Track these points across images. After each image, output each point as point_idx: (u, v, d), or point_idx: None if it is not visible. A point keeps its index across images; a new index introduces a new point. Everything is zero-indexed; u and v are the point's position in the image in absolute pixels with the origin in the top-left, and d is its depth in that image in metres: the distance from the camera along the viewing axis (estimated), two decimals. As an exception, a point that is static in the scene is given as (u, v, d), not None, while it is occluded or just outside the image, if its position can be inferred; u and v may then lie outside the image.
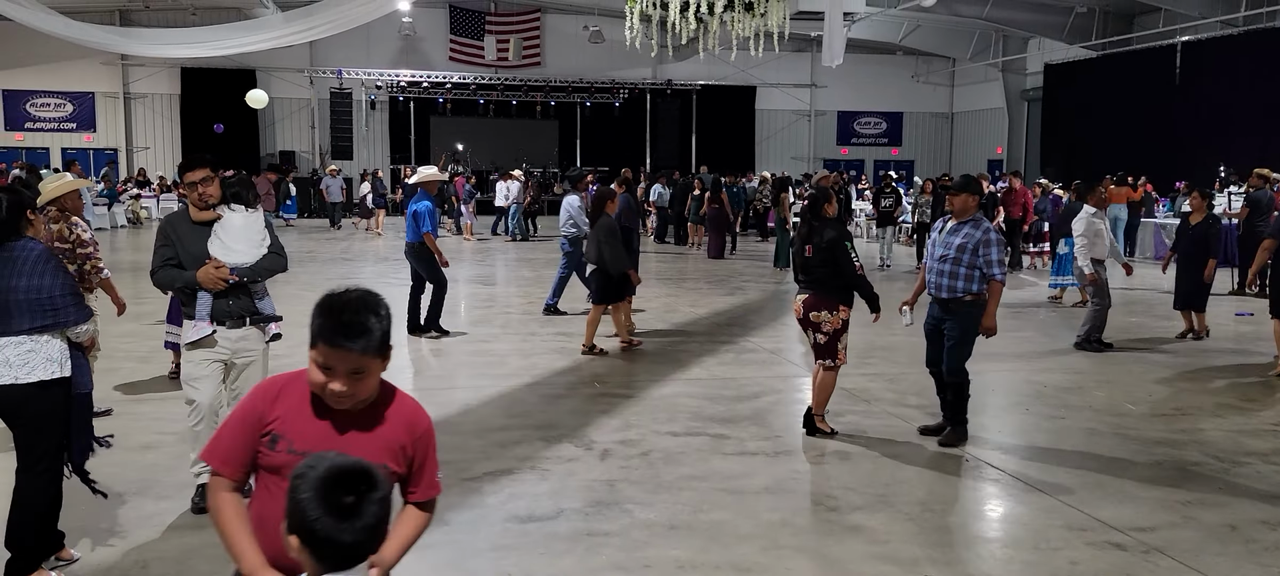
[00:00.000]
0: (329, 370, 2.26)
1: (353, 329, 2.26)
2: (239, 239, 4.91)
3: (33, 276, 4.04)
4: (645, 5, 15.04)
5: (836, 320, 6.36)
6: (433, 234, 9.84)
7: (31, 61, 26.78)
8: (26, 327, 4.00)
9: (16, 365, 3.98)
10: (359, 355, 2.26)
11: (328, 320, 2.26)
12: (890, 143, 34.37)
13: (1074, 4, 24.77)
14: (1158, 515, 5.16)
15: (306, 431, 2.32)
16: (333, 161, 28.16)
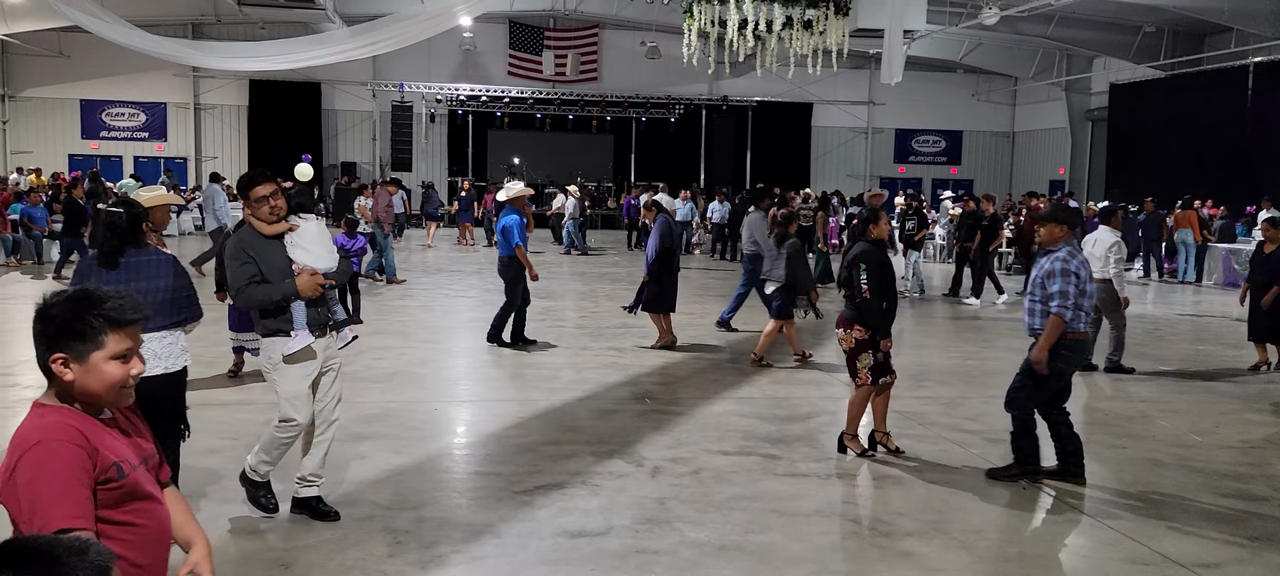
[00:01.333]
0: (128, 355, 2.23)
1: (131, 304, 2.25)
2: (318, 245, 4.96)
3: (171, 277, 4.69)
4: (703, 22, 15.08)
5: (849, 339, 6.35)
6: (524, 247, 9.98)
7: (108, 73, 27.71)
8: (167, 323, 4.56)
9: (165, 357, 4.58)
10: (142, 324, 2.30)
11: (103, 306, 2.19)
12: (949, 161, 33.95)
13: (1142, 23, 24.29)
14: (1222, 551, 5.02)
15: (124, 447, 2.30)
16: (393, 173, 28.61)
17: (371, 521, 5.11)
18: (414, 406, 7.66)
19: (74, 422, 2.19)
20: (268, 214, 4.82)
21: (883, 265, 6.33)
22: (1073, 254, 5.85)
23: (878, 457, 6.42)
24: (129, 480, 2.23)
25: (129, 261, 4.61)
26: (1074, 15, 23.42)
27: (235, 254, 4.82)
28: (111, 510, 2.20)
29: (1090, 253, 9.38)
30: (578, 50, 30.21)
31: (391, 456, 6.25)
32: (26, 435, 2.18)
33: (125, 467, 2.23)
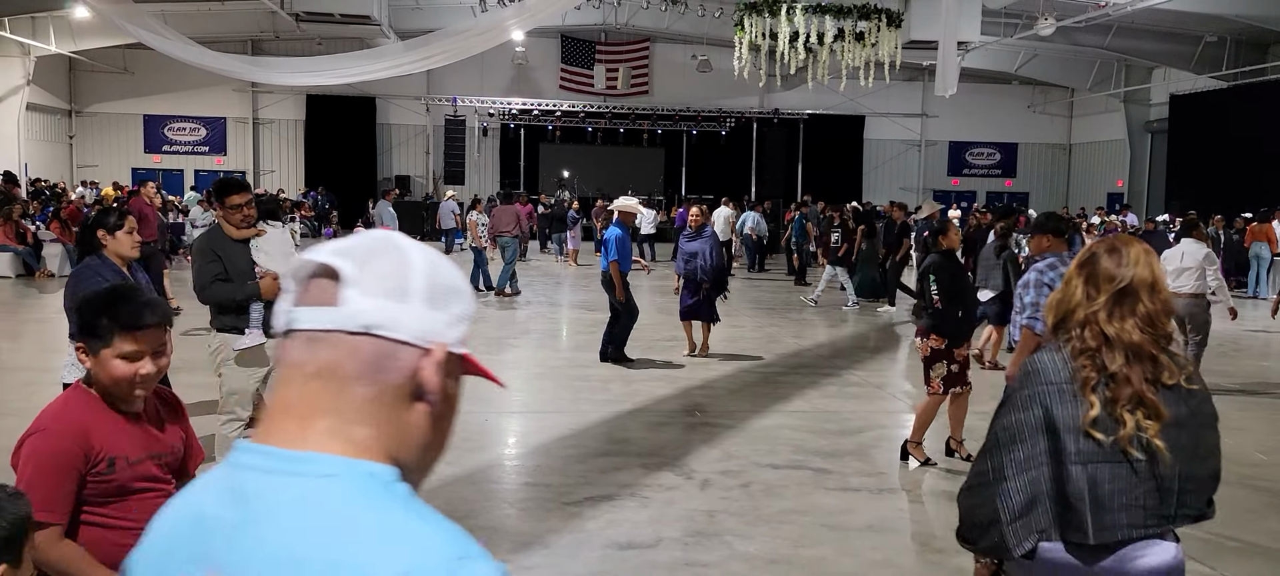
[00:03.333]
0: (136, 356, 2.33)
1: (151, 307, 2.36)
2: (282, 250, 5.33)
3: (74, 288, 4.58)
4: (754, 35, 15.10)
5: (925, 347, 6.39)
6: (617, 261, 9.88)
7: (170, 89, 28.46)
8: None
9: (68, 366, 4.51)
10: (162, 330, 2.37)
11: (122, 308, 2.32)
12: (1004, 174, 33.46)
13: (1202, 33, 23.76)
14: (1289, 573, 4.88)
15: (131, 440, 2.40)
16: (446, 186, 28.98)
17: (423, 530, 5.16)
18: (465, 417, 7.68)
19: (81, 414, 2.36)
20: (239, 220, 5.19)
21: (954, 274, 6.37)
22: (1055, 265, 5.54)
23: (939, 468, 6.36)
24: (119, 476, 2.36)
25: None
26: (1132, 25, 22.99)
27: (202, 251, 5.19)
28: (103, 499, 2.35)
29: (1177, 266, 9.13)
30: (629, 64, 30.35)
31: (442, 466, 6.26)
32: (42, 417, 2.40)
33: (120, 463, 2.36)
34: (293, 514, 0.93)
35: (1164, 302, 2.45)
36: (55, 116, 28.15)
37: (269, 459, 0.96)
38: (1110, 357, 2.37)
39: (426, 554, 0.92)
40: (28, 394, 8.31)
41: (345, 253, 1.01)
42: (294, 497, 0.93)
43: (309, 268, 1.02)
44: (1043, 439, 2.40)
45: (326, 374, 0.98)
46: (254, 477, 0.96)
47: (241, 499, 0.95)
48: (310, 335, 0.99)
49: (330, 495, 0.93)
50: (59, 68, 27.26)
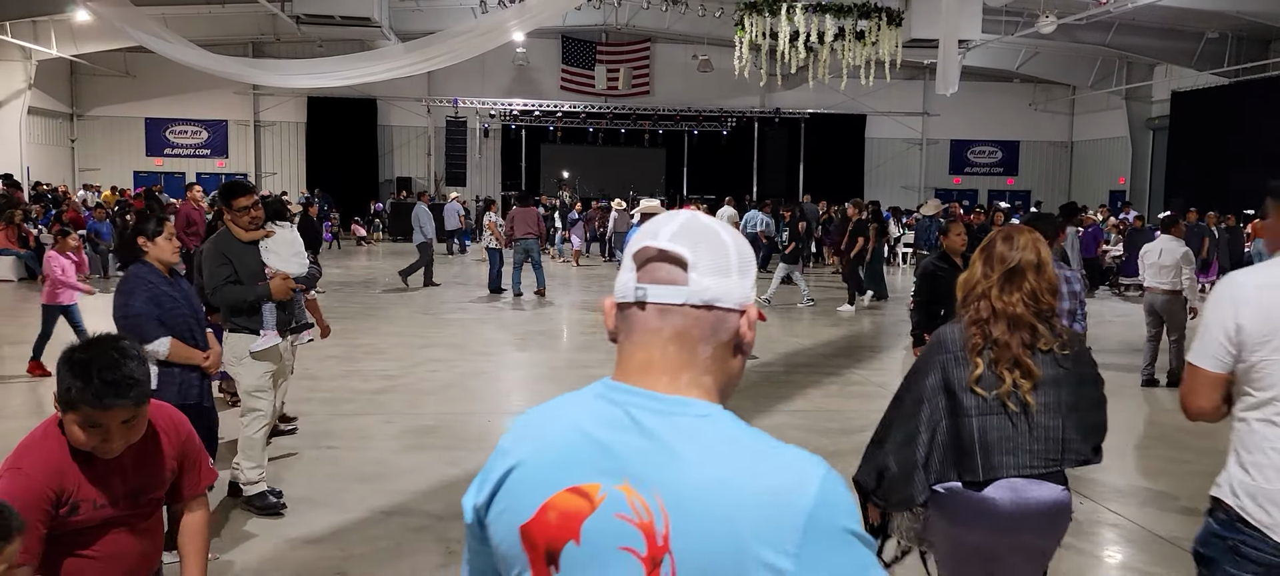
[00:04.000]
0: (97, 428, 2.24)
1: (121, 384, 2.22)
2: (291, 251, 5.41)
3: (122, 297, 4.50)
4: (755, 34, 15.10)
5: (916, 353, 6.34)
6: None
7: (172, 92, 28.50)
8: None
9: None
10: (133, 407, 2.26)
11: (87, 383, 2.21)
12: (1006, 172, 33.46)
13: (1204, 29, 23.73)
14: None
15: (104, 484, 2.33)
16: (448, 188, 29.01)
17: (425, 531, 5.18)
18: (468, 418, 7.75)
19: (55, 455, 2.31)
20: (247, 222, 5.25)
21: (937, 277, 6.35)
22: None
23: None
24: (85, 518, 2.32)
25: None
26: (1133, 22, 22.97)
27: (212, 256, 5.22)
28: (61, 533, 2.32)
29: (1156, 262, 9.18)
30: (630, 64, 30.36)
31: (446, 468, 6.32)
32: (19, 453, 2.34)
33: (85, 507, 2.31)
34: (696, 442, 1.23)
35: (1047, 281, 2.90)
36: (57, 120, 28.19)
37: (656, 402, 1.26)
38: (996, 327, 2.83)
39: (806, 465, 1.24)
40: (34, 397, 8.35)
41: (680, 239, 1.28)
42: (687, 431, 1.23)
43: (649, 253, 1.29)
44: (943, 398, 2.85)
45: (680, 338, 1.28)
46: (647, 415, 1.25)
47: (642, 430, 1.24)
48: (662, 307, 1.28)
49: (717, 428, 1.25)
50: (60, 71, 27.30)
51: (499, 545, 1.33)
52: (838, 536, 1.19)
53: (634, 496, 1.22)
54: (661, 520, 1.20)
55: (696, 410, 1.26)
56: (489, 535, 1.35)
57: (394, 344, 10.90)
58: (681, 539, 1.19)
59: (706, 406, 1.27)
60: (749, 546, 1.16)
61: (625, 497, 1.22)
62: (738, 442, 1.24)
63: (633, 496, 1.22)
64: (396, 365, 9.68)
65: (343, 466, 6.25)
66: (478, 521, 1.37)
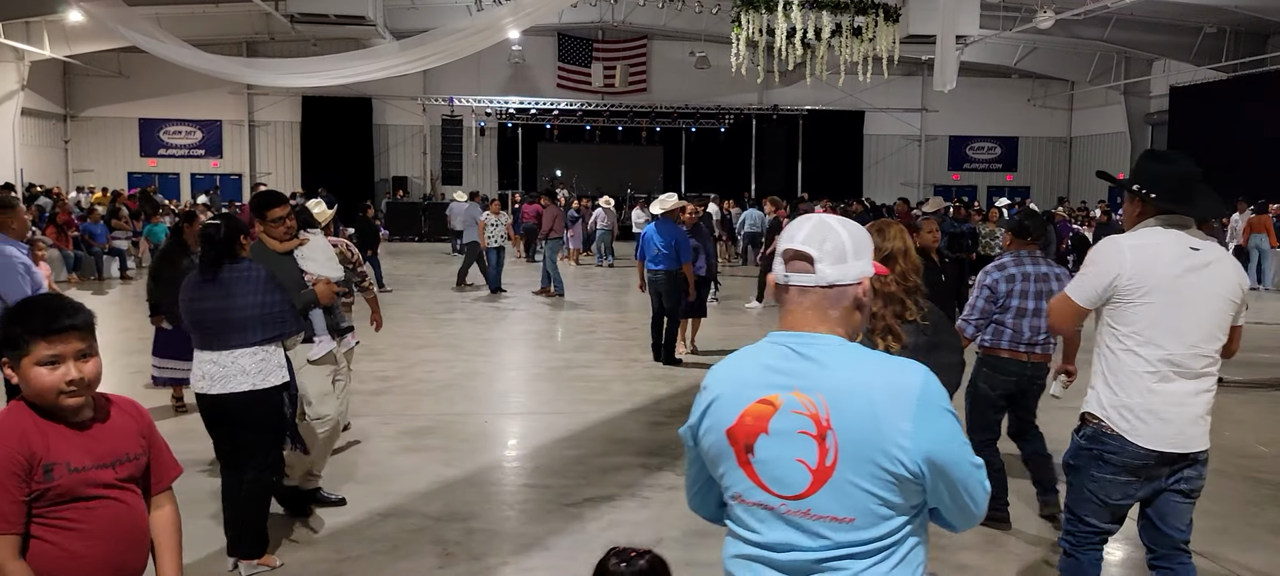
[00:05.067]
0: (56, 361, 2.33)
1: (67, 309, 2.38)
2: (326, 257, 5.40)
3: (265, 293, 4.54)
4: (751, 31, 15.02)
5: None
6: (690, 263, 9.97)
7: (166, 92, 28.40)
8: (259, 340, 4.50)
9: (253, 372, 4.47)
10: (81, 334, 2.36)
11: (36, 316, 2.34)
12: (1005, 168, 33.41)
13: (1202, 24, 23.69)
14: (1297, 567, 4.84)
15: (71, 446, 2.37)
16: (445, 187, 28.93)
17: (422, 533, 5.12)
18: (464, 419, 7.69)
19: (18, 422, 2.33)
20: (283, 233, 5.21)
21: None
22: (1004, 265, 5.23)
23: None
24: (62, 483, 2.33)
25: (226, 276, 4.50)
26: (1132, 17, 22.92)
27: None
28: (48, 506, 2.33)
29: None
30: (626, 61, 30.29)
31: (442, 468, 6.26)
32: None
33: (58, 471, 2.32)
34: (838, 359, 1.86)
35: (913, 264, 3.61)
36: (50, 121, 28.08)
37: (807, 339, 1.89)
38: (875, 301, 3.28)
39: (914, 371, 1.84)
40: None
41: (809, 242, 1.90)
42: (831, 353, 1.86)
43: (790, 252, 1.92)
44: None
45: (815, 306, 1.92)
46: (803, 347, 1.88)
47: (801, 356, 1.87)
48: (801, 287, 1.92)
49: (849, 350, 1.88)
50: (53, 72, 27.19)
51: (708, 449, 1.99)
52: (937, 410, 1.82)
53: (803, 396, 1.84)
54: (824, 408, 1.82)
55: (834, 342, 1.89)
56: (701, 445, 2.01)
57: (390, 345, 10.82)
58: (839, 417, 1.81)
59: (839, 340, 1.90)
60: (883, 417, 1.79)
61: (797, 398, 1.85)
62: (865, 357, 1.88)
63: (802, 396, 1.84)
64: (393, 366, 9.62)
65: (339, 468, 6.19)
66: (692, 437, 2.04)
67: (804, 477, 1.82)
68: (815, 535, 1.83)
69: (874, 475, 1.79)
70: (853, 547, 1.82)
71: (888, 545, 1.84)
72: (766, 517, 1.89)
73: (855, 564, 1.82)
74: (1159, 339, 3.27)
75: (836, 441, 1.79)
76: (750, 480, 1.89)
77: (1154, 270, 3.26)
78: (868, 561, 1.83)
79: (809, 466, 1.82)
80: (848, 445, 1.79)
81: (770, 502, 1.87)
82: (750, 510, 1.92)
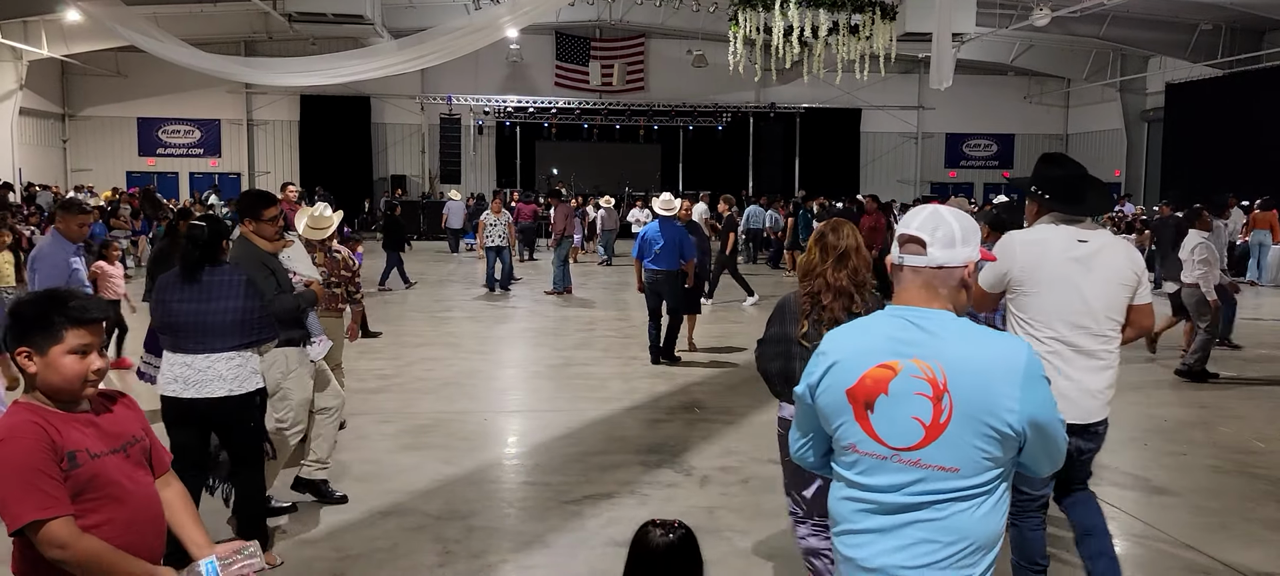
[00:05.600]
0: (87, 350, 2.40)
1: (92, 303, 2.46)
2: (305, 259, 5.41)
3: (244, 299, 4.47)
4: (748, 29, 15.05)
5: None
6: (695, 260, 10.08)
7: (164, 91, 28.40)
8: (235, 345, 4.44)
9: (229, 378, 4.40)
10: (102, 328, 2.46)
11: (66, 306, 2.40)
12: (1001, 165, 33.45)
13: (1198, 21, 23.73)
14: (1290, 562, 4.88)
15: (84, 433, 2.42)
16: (443, 185, 28.93)
17: (422, 531, 5.15)
18: (464, 416, 7.72)
19: (32, 416, 2.36)
20: (274, 233, 5.15)
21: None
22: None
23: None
24: (85, 470, 2.37)
25: (207, 279, 4.44)
26: (1127, 14, 22.97)
27: (257, 267, 4.95)
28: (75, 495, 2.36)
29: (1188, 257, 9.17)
30: (624, 60, 30.31)
31: (442, 466, 6.29)
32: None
33: (81, 457, 2.36)
34: (951, 332, 2.15)
35: (863, 260, 3.83)
36: (48, 121, 28.08)
37: (922, 314, 2.18)
38: (826, 296, 3.74)
39: (1020, 346, 2.16)
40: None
41: (922, 228, 2.21)
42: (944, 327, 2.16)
43: (904, 237, 2.23)
44: (791, 344, 3.84)
45: (927, 285, 2.21)
46: (920, 320, 2.17)
47: (919, 328, 2.16)
48: (914, 268, 2.21)
49: (961, 324, 2.17)
50: (51, 72, 27.19)
51: (825, 406, 2.27)
52: (1039, 380, 2.15)
53: (922, 363, 2.14)
54: (940, 374, 2.12)
55: (947, 317, 2.20)
56: (817, 403, 2.29)
57: (389, 343, 10.86)
58: (954, 381, 2.11)
59: (951, 315, 2.21)
60: (993, 384, 2.10)
61: (916, 364, 2.14)
62: (975, 331, 2.19)
63: (921, 363, 2.14)
64: (392, 364, 9.64)
65: (339, 466, 6.22)
66: (810, 395, 2.32)
67: (917, 432, 2.13)
68: (923, 482, 2.13)
69: (982, 433, 2.10)
70: (955, 492, 2.12)
71: (986, 491, 2.14)
72: (879, 465, 2.18)
73: (955, 506, 2.12)
74: (1052, 323, 3.72)
75: (951, 403, 2.10)
76: (866, 433, 2.19)
77: (1042, 263, 3.74)
78: (967, 504, 2.12)
79: (923, 423, 2.12)
80: (961, 406, 2.09)
81: (883, 453, 2.17)
82: (863, 459, 2.21)
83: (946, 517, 2.12)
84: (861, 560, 2.20)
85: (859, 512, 2.21)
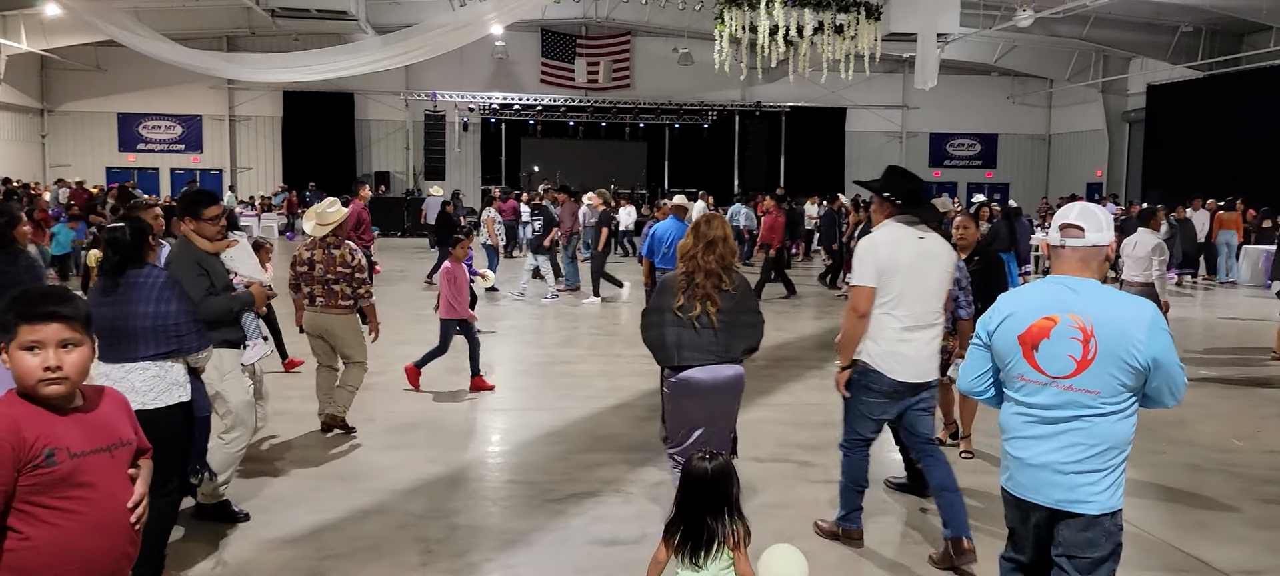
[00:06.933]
0: (38, 346, 2.39)
1: (53, 297, 2.45)
2: (250, 260, 5.30)
3: (159, 303, 4.16)
4: (734, 28, 15.05)
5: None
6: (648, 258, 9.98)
7: (145, 86, 28.18)
8: (152, 354, 4.13)
9: (143, 391, 4.07)
10: (67, 324, 2.42)
11: (25, 302, 2.43)
12: (984, 165, 33.63)
13: (1179, 23, 23.92)
14: (1265, 557, 4.92)
15: (67, 431, 2.42)
16: (427, 182, 28.83)
17: (404, 530, 5.13)
18: (448, 415, 7.69)
19: (10, 409, 2.38)
20: (215, 232, 5.04)
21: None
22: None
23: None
24: (63, 467, 2.38)
25: (127, 281, 4.15)
26: (1109, 16, 23.13)
27: (188, 266, 4.88)
28: (44, 494, 2.37)
29: (1130, 254, 9.19)
30: (610, 57, 30.29)
31: (425, 465, 6.27)
32: None
33: (59, 455, 2.37)
34: (1096, 294, 3.02)
35: (730, 248, 4.65)
36: (27, 116, 27.82)
37: (1077, 282, 3.04)
38: (698, 276, 4.56)
39: (1145, 301, 3.02)
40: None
41: (1079, 217, 3.07)
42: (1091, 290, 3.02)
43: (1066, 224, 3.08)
44: (665, 314, 4.59)
45: (1081, 261, 3.08)
46: (1074, 284, 3.04)
47: (1073, 291, 3.02)
48: (1072, 248, 3.07)
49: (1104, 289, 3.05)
50: (30, 66, 26.94)
51: (1000, 348, 3.13)
52: (1162, 331, 2.93)
53: (1075, 316, 2.96)
54: (1089, 322, 2.94)
55: (1094, 284, 3.03)
56: (993, 344, 3.16)
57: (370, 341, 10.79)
58: (1099, 330, 2.93)
59: (1096, 282, 3.04)
60: (1127, 331, 2.91)
61: (1070, 317, 2.97)
62: (1114, 294, 3.03)
63: (1074, 316, 2.96)
64: (374, 362, 9.57)
65: (321, 465, 6.19)
66: (987, 337, 3.19)
67: (1070, 365, 2.97)
68: (1074, 402, 2.99)
69: (1119, 365, 2.93)
70: (1097, 408, 2.97)
71: (1120, 410, 2.98)
72: (1039, 390, 3.05)
73: (1097, 419, 2.97)
74: (904, 304, 4.56)
75: (1096, 344, 2.94)
76: (1031, 366, 3.05)
77: (898, 257, 4.56)
78: (1104, 418, 2.97)
79: (1075, 358, 2.97)
80: (1104, 346, 2.93)
81: (1043, 380, 3.03)
82: (1028, 385, 3.07)
83: (1090, 426, 2.97)
84: (1027, 459, 3.08)
85: (1025, 423, 3.08)
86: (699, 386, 4.56)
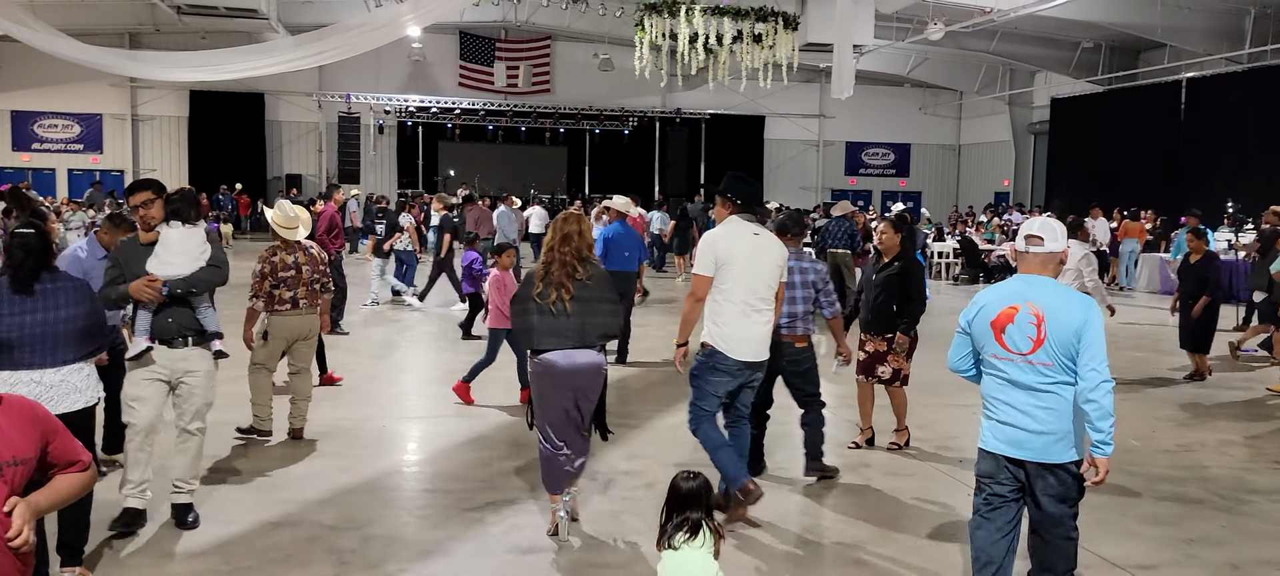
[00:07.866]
0: None
1: None
2: (175, 253, 5.00)
3: (91, 303, 4.32)
4: (655, 35, 15.15)
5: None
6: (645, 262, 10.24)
7: (39, 83, 27.01)
8: (87, 353, 4.29)
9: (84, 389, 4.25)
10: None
11: None
12: (898, 174, 34.45)
13: (1080, 39, 24.86)
14: (1161, 553, 5.12)
15: None
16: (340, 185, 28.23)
17: (316, 542, 5.00)
18: (362, 423, 7.54)
19: None
20: (140, 222, 5.05)
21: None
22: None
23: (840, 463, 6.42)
24: None
25: (44, 288, 4.14)
26: (1016, 31, 23.90)
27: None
28: None
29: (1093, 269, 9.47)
30: (530, 62, 30.14)
31: (338, 475, 6.13)
32: None
33: None
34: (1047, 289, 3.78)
35: (586, 243, 5.03)
36: (-86, 112, 26.46)
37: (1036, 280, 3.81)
38: (555, 267, 4.92)
39: (1084, 298, 3.86)
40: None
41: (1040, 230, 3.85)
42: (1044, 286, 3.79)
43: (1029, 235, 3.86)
44: (530, 302, 4.93)
45: (1040, 262, 3.84)
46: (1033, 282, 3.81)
47: (1030, 285, 3.80)
48: (1033, 252, 3.84)
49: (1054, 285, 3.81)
50: (-82, 60, 25.65)
51: (977, 334, 3.87)
52: (1098, 327, 3.68)
53: (1032, 306, 3.71)
54: (1042, 310, 3.70)
55: (1049, 281, 3.79)
56: (972, 329, 3.89)
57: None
58: (1049, 317, 3.69)
59: (1052, 280, 3.80)
60: (1069, 321, 3.66)
61: (1028, 306, 3.72)
62: (1063, 290, 3.78)
63: (1032, 306, 3.71)
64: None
65: (228, 476, 6.00)
66: (967, 324, 3.91)
67: (1029, 344, 3.70)
68: (1036, 372, 3.70)
69: (1063, 346, 3.64)
70: (1052, 378, 3.68)
71: (1068, 381, 3.67)
72: (1007, 365, 3.76)
73: (1053, 387, 3.67)
74: (741, 291, 5.13)
75: (1047, 329, 3.66)
76: (1000, 345, 3.76)
77: (734, 250, 5.15)
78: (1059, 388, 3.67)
79: (1032, 338, 3.69)
80: (1051, 331, 3.65)
81: (1011, 356, 3.74)
82: (998, 361, 3.79)
83: (1049, 393, 3.67)
84: (1004, 419, 3.77)
85: (1000, 387, 3.78)
86: (556, 369, 4.87)
